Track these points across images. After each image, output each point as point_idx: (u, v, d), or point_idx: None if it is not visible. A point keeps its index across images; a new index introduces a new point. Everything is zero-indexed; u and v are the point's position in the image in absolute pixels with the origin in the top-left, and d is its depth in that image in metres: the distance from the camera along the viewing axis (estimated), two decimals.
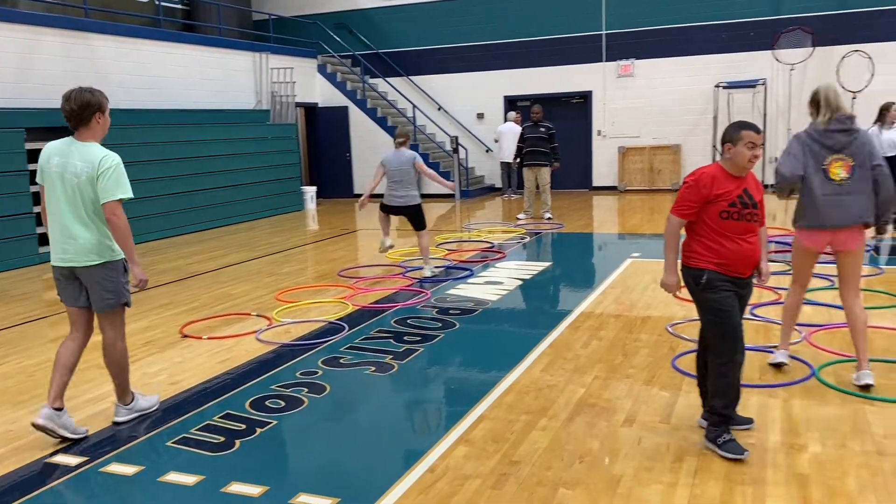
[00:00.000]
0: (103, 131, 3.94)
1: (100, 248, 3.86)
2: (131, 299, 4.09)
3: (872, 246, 8.36)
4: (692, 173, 3.51)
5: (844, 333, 5.20)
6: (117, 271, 3.94)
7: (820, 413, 3.88)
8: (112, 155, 3.84)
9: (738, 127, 3.47)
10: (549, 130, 11.77)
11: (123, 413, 4.18)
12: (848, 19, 13.81)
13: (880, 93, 13.19)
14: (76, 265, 3.87)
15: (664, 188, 15.30)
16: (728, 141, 3.44)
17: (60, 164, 3.83)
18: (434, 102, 16.94)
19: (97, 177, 3.76)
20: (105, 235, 3.88)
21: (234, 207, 13.05)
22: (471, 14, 16.42)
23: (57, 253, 3.91)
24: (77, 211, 3.82)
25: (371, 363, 4.99)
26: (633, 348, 5.08)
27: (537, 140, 11.72)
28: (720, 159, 3.54)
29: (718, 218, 3.41)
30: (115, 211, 3.79)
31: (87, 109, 3.83)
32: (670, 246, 3.58)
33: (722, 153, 3.50)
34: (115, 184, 3.79)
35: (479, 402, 4.20)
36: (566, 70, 15.86)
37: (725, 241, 3.42)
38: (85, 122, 3.85)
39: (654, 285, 6.90)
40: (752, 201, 3.44)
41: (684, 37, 14.94)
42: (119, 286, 3.95)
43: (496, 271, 7.92)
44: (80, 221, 3.82)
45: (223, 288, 7.66)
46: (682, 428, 3.77)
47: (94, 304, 3.96)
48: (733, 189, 3.41)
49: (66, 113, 3.83)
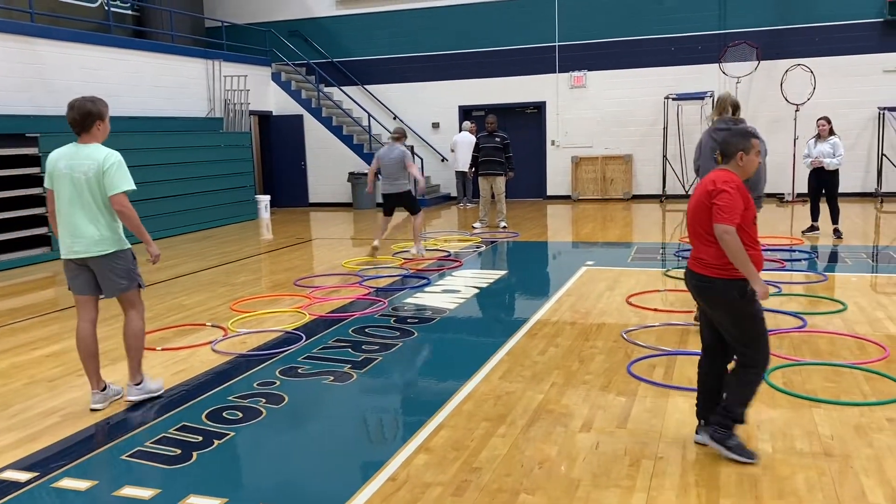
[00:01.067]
0: (104, 136, 4.36)
1: (109, 239, 4.28)
2: (143, 281, 4.54)
3: (811, 253, 8.66)
4: (722, 181, 3.37)
5: (792, 338, 5.39)
6: (127, 259, 4.38)
7: (770, 415, 4.00)
8: (114, 153, 4.27)
9: (748, 135, 3.50)
10: (503, 140, 11.89)
11: (135, 392, 4.50)
12: (790, 34, 14.30)
13: (821, 105, 13.72)
14: (88, 256, 4.28)
15: (616, 197, 15.57)
16: (741, 150, 3.44)
17: (68, 166, 4.23)
18: (389, 112, 16.96)
19: (103, 172, 4.19)
20: (112, 228, 4.30)
21: (186, 216, 12.84)
22: (426, 24, 16.51)
23: (67, 248, 4.30)
24: (86, 207, 4.22)
25: (329, 373, 4.97)
26: (589, 355, 5.16)
27: (492, 150, 11.83)
28: (727, 167, 3.47)
29: (752, 224, 3.42)
30: (123, 202, 4.25)
31: (88, 118, 4.25)
32: (746, 257, 3.31)
33: (720, 162, 3.50)
34: (121, 178, 4.23)
35: (438, 411, 4.21)
36: (520, 81, 16.06)
37: (751, 248, 3.38)
38: (87, 129, 4.27)
39: (608, 293, 7.03)
40: None
41: (635, 49, 15.27)
42: (130, 271, 4.40)
43: (453, 280, 7.96)
44: (89, 217, 4.23)
45: (176, 298, 7.53)
46: (638, 433, 3.84)
47: (108, 291, 4.40)
48: (748, 196, 3.46)
49: (70, 120, 4.24)
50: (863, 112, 14.03)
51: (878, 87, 13.90)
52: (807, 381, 4.49)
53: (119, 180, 4.22)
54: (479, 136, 12.26)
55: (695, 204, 3.50)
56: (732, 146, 3.47)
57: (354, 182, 15.98)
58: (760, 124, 13.76)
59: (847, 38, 14.05)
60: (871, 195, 14.08)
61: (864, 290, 6.87)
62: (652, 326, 5.81)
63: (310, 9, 17.38)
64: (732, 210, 3.30)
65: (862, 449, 3.57)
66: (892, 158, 13.93)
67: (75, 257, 4.29)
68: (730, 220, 3.30)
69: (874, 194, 14.03)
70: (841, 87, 14.00)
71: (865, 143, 14.17)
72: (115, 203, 4.22)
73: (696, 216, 3.48)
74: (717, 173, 3.45)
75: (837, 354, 5.01)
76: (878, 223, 11.73)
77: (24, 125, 10.31)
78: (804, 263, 8.19)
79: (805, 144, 10.33)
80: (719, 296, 3.42)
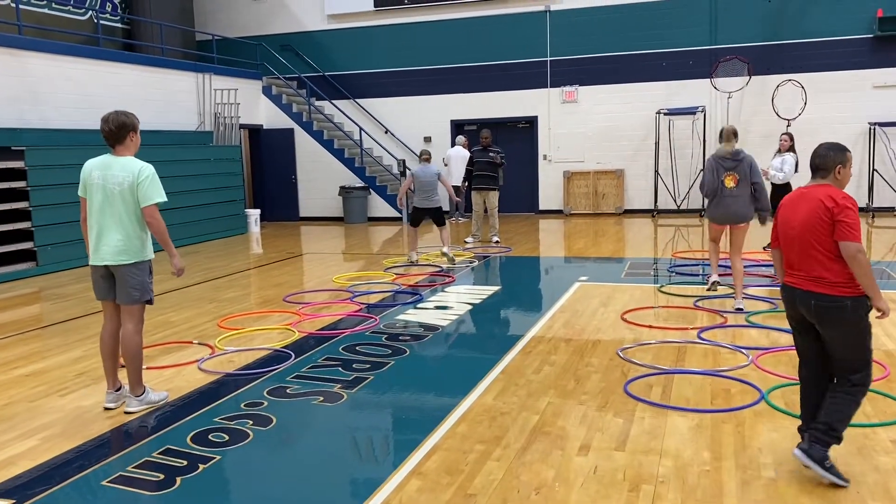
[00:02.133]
0: (136, 147, 4.57)
1: (132, 248, 4.46)
2: (154, 298, 4.71)
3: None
4: (841, 197, 3.33)
5: (791, 356, 5.28)
6: (144, 271, 4.54)
7: (771, 437, 3.89)
8: (148, 165, 4.48)
9: (844, 149, 3.50)
10: (498, 154, 11.81)
11: (135, 404, 4.59)
12: (781, 50, 14.34)
13: (812, 121, 13.78)
14: (111, 263, 4.46)
15: (608, 212, 15.52)
16: (839, 163, 3.43)
17: (101, 176, 4.43)
18: (381, 126, 16.89)
19: (137, 184, 4.40)
20: (138, 237, 4.48)
21: (175, 230, 12.44)
22: (418, 38, 16.49)
23: (95, 254, 4.50)
24: (116, 217, 4.41)
25: (319, 393, 4.84)
26: (584, 373, 5.05)
27: (486, 164, 11.76)
28: (826, 181, 3.44)
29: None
30: (154, 214, 4.46)
31: (122, 129, 4.45)
32: (873, 275, 3.29)
33: (822, 176, 3.45)
34: (153, 190, 4.45)
35: (431, 433, 4.09)
36: (512, 95, 16.03)
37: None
38: (121, 141, 4.47)
39: (602, 309, 6.93)
40: None
41: (626, 64, 15.27)
42: (145, 284, 4.56)
43: (445, 296, 7.85)
44: (117, 226, 4.42)
45: (163, 315, 7.38)
46: (637, 455, 3.73)
47: (120, 298, 4.54)
48: None
49: (105, 133, 4.44)
50: (854, 127, 14.06)
51: (868, 102, 13.93)
52: None
53: (153, 192, 4.44)
54: (474, 151, 12.19)
55: (807, 221, 3.39)
56: (831, 160, 3.45)
57: (346, 196, 15.88)
58: (752, 139, 13.79)
59: (837, 53, 14.10)
60: (863, 210, 14.08)
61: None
62: (648, 344, 5.72)
63: (301, 23, 17.33)
64: (859, 227, 3.30)
65: (868, 473, 3.47)
66: (882, 174, 13.95)
67: (100, 263, 4.50)
68: (859, 237, 3.28)
69: (866, 209, 14.03)
70: (832, 103, 14.03)
71: (857, 158, 14.14)
72: (147, 214, 4.43)
73: (813, 234, 3.37)
74: (827, 189, 3.39)
75: None
76: (871, 238, 11.71)
77: (10, 138, 10.16)
78: None
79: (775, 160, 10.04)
80: (847, 315, 3.31)
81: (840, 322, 3.35)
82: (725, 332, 6.01)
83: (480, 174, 11.79)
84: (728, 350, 5.47)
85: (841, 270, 3.32)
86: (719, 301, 7.15)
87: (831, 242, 3.32)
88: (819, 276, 3.37)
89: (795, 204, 3.50)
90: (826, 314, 3.36)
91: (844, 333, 3.36)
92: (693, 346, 5.64)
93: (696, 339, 5.77)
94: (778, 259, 3.66)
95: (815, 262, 3.38)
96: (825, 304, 3.34)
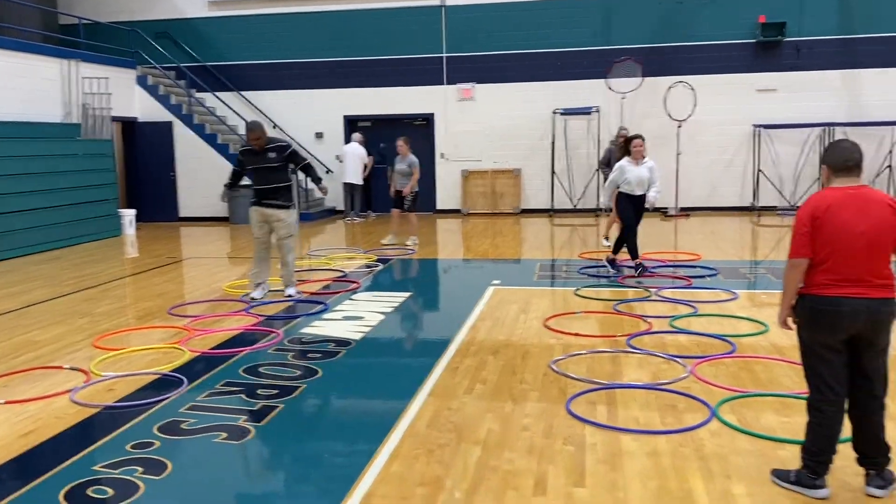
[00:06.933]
0: None
1: None
2: None
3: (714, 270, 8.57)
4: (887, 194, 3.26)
5: (728, 364, 5.09)
6: None
7: (736, 463, 3.58)
8: None
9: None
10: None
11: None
12: (672, 52, 14.61)
13: (703, 122, 14.15)
14: None
15: (506, 212, 15.32)
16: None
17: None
18: (269, 120, 15.93)
19: None
20: None
21: (37, 234, 11.31)
22: (309, 29, 15.67)
23: None
24: None
25: (221, 428, 4.14)
26: (520, 392, 4.62)
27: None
28: (862, 181, 3.25)
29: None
30: None
31: None
32: None
33: (858, 175, 3.22)
34: None
35: (360, 476, 3.51)
36: (408, 91, 15.53)
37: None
38: None
39: (523, 316, 6.56)
40: None
41: (523, 63, 15.12)
42: None
43: (353, 304, 7.23)
44: None
45: (25, 334, 6.36)
46: (599, 489, 3.32)
47: None
48: None
49: None
50: (740, 129, 14.54)
51: (752, 105, 14.42)
52: (760, 416, 4.14)
53: None
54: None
55: (879, 225, 3.10)
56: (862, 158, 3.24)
57: (232, 195, 14.80)
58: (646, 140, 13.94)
59: (724, 57, 14.51)
60: (748, 209, 14.58)
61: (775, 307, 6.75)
62: (579, 354, 5.37)
63: (180, 9, 16.09)
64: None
65: (840, 493, 3.21)
66: (767, 174, 14.48)
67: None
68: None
69: (751, 208, 14.53)
70: (720, 105, 14.42)
71: (742, 159, 14.67)
72: None
73: (888, 235, 3.12)
74: (878, 191, 3.24)
75: (778, 382, 4.73)
76: (758, 236, 12.08)
77: None
78: (709, 280, 8.07)
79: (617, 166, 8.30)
80: (894, 316, 3.18)
81: (890, 326, 3.18)
82: (653, 339, 5.76)
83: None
84: (663, 359, 5.20)
85: (890, 272, 3.16)
86: (638, 304, 6.95)
87: (892, 245, 3.15)
88: (888, 281, 3.14)
89: (857, 207, 3.12)
90: (889, 319, 3.16)
91: (888, 339, 3.19)
92: (626, 355, 5.34)
93: (627, 348, 5.48)
94: (802, 270, 3.21)
95: (883, 267, 3.14)
96: (892, 308, 3.15)
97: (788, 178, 14.52)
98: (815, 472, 3.20)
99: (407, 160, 10.80)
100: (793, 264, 3.20)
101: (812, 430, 3.23)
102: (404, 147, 10.81)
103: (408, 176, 10.80)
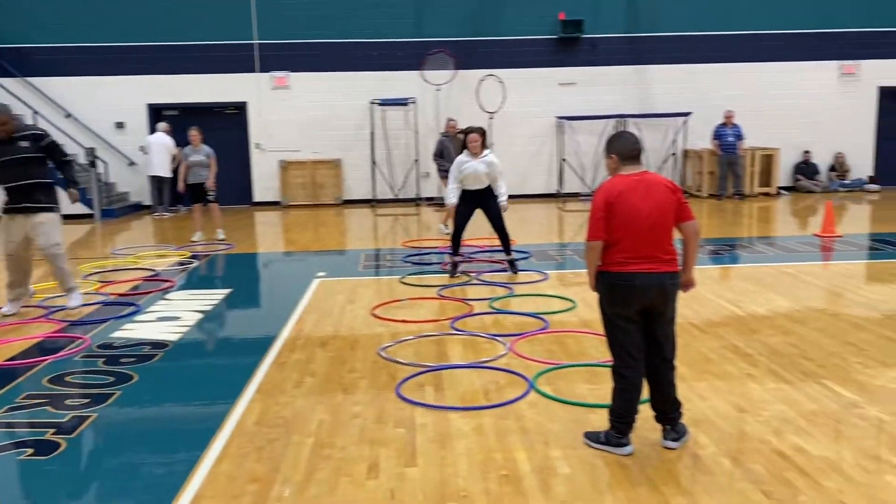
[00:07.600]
0: None
1: None
2: None
3: (527, 252, 9.10)
4: (669, 180, 3.60)
5: (542, 340, 5.44)
6: None
7: (552, 428, 3.86)
8: None
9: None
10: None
11: None
12: (482, 45, 15.17)
13: (511, 115, 14.84)
14: None
15: (327, 202, 15.20)
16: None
17: None
18: (61, 109, 14.61)
19: None
20: None
21: None
22: (105, 9, 14.48)
23: None
24: None
25: (26, 444, 3.80)
26: (351, 381, 4.66)
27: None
28: (644, 167, 3.62)
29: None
30: None
31: None
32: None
33: (640, 162, 3.60)
34: None
35: (187, 481, 3.38)
36: (217, 79, 14.87)
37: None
38: None
39: (350, 306, 6.58)
40: None
41: (339, 52, 15.02)
42: None
43: (168, 304, 6.87)
44: None
45: None
46: (430, 467, 3.45)
47: None
48: None
49: None
50: (545, 121, 15.41)
51: (555, 98, 15.34)
52: (573, 386, 4.49)
53: None
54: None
55: (661, 206, 3.45)
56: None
57: None
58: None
59: (528, 52, 15.30)
60: (554, 196, 15.54)
61: (582, 286, 7.27)
62: (406, 340, 5.50)
63: None
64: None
65: (642, 448, 3.58)
66: (570, 163, 15.50)
67: None
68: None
69: (557, 195, 15.50)
70: (527, 98, 15.18)
71: (547, 149, 15.60)
72: None
73: (668, 214, 3.48)
74: (656, 175, 3.59)
75: (587, 353, 5.13)
76: (563, 221, 12.95)
77: None
78: (522, 263, 8.52)
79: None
80: (678, 287, 3.57)
81: (675, 297, 3.56)
82: (475, 320, 6.02)
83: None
84: (485, 339, 5.46)
85: (674, 248, 3.52)
86: (459, 289, 7.22)
87: (672, 223, 3.51)
88: (672, 256, 3.51)
89: (643, 192, 3.45)
90: (673, 290, 3.53)
91: (674, 308, 3.57)
92: (450, 337, 5.55)
93: (451, 330, 5.69)
94: (599, 251, 3.49)
95: (667, 242, 3.50)
96: (675, 280, 3.53)
97: (589, 166, 15.63)
98: (620, 432, 3.54)
99: (203, 150, 10.54)
100: (590, 246, 3.52)
101: (617, 395, 3.57)
102: (197, 137, 10.55)
103: (206, 167, 10.54)
